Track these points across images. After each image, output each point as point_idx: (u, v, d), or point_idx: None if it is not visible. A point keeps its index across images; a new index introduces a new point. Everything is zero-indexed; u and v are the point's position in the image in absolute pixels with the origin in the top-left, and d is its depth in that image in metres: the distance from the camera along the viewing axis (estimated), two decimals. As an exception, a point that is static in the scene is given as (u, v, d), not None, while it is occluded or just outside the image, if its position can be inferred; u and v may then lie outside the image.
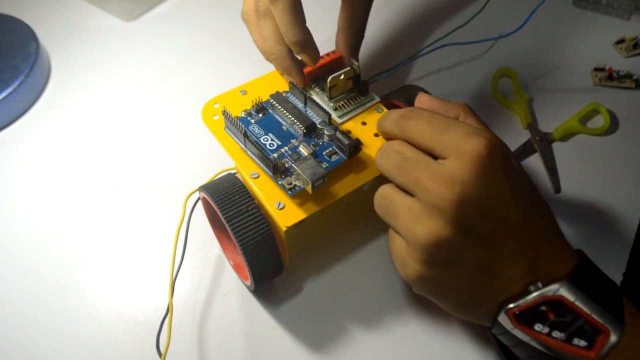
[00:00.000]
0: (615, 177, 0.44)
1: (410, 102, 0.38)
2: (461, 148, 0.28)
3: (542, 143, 0.46)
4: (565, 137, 0.47)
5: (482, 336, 0.36)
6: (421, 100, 0.35)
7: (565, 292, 0.28)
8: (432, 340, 0.36)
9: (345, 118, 0.37)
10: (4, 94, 0.50)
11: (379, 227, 0.41)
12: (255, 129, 0.36)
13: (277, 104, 0.36)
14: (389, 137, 0.34)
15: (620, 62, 0.52)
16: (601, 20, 0.56)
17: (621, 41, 0.53)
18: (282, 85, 0.39)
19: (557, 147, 0.47)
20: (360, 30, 0.41)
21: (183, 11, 0.61)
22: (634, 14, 0.56)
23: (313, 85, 0.39)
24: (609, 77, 0.50)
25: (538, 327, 0.28)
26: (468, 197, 0.27)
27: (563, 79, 0.51)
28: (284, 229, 0.32)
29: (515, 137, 0.47)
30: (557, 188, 0.44)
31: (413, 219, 0.29)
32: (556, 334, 0.27)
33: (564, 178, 0.44)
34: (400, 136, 0.32)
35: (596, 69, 0.51)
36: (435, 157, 0.30)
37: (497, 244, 0.28)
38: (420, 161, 0.29)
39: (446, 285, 0.29)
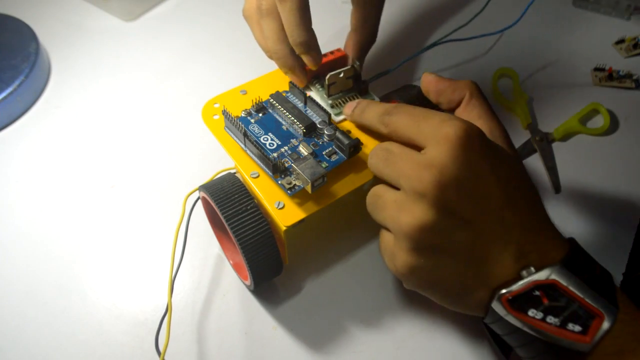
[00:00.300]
0: (615, 177, 0.44)
1: (410, 102, 0.38)
2: (438, 134, 0.29)
3: (542, 143, 0.46)
4: (565, 137, 0.47)
5: (481, 336, 0.36)
6: (427, 79, 0.35)
7: (558, 277, 0.28)
8: (431, 340, 0.36)
9: (342, 116, 0.37)
10: (4, 94, 0.50)
11: (379, 227, 0.41)
12: (255, 128, 0.36)
13: (277, 104, 0.36)
14: (366, 129, 0.35)
15: (620, 62, 0.52)
16: (601, 20, 0.56)
17: (621, 41, 0.53)
18: (282, 85, 0.39)
19: (557, 147, 0.47)
20: (372, 32, 0.41)
21: (183, 11, 0.61)
22: (634, 14, 0.56)
23: (314, 82, 0.39)
24: (609, 77, 0.50)
25: (532, 312, 0.28)
26: (447, 179, 0.28)
27: (563, 79, 0.51)
28: (284, 228, 0.32)
29: (515, 137, 0.46)
30: (557, 188, 0.44)
31: (398, 209, 0.29)
32: (550, 319, 0.27)
33: (564, 178, 0.44)
34: (384, 131, 0.33)
35: (596, 69, 0.51)
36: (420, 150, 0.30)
37: (481, 227, 0.29)
38: (403, 153, 0.30)
39: (436, 273, 0.29)
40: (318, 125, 0.35)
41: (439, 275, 0.29)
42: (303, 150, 0.34)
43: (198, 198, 0.39)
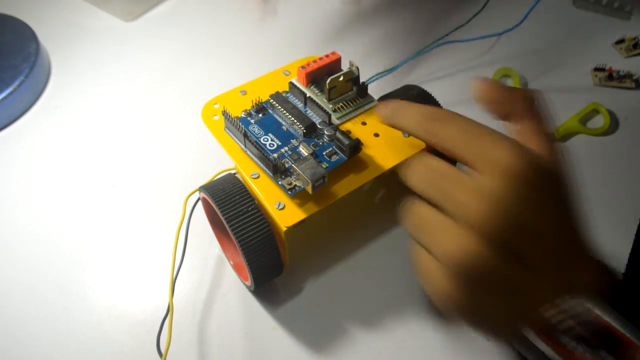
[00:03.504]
0: (615, 177, 0.44)
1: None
2: (499, 162, 0.26)
3: (542, 143, 0.46)
4: (565, 137, 0.47)
5: (480, 336, 0.36)
6: (483, 87, 0.30)
7: (594, 307, 0.27)
8: (432, 340, 0.36)
9: (344, 120, 0.37)
10: (4, 94, 0.50)
11: (379, 227, 0.41)
12: (255, 129, 0.36)
13: (277, 104, 0.36)
14: (394, 126, 0.32)
15: (620, 62, 0.52)
16: (601, 20, 0.56)
17: (621, 41, 0.53)
18: (281, 85, 0.39)
19: (557, 147, 0.46)
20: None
21: (183, 11, 0.61)
22: (634, 14, 0.56)
23: (312, 87, 0.39)
24: (609, 77, 0.50)
25: (564, 340, 0.27)
26: (501, 212, 0.25)
27: (563, 79, 0.51)
28: (284, 229, 0.32)
29: (515, 137, 0.47)
30: (557, 188, 0.44)
31: (444, 235, 0.27)
32: (582, 348, 0.26)
33: (564, 178, 0.44)
34: (425, 138, 0.29)
35: (596, 69, 0.51)
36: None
37: (533, 265, 0.27)
38: (452, 176, 0.27)
39: (476, 303, 0.28)
40: (318, 126, 0.35)
41: (479, 304, 0.28)
42: (303, 150, 0.34)
43: (198, 199, 0.39)
